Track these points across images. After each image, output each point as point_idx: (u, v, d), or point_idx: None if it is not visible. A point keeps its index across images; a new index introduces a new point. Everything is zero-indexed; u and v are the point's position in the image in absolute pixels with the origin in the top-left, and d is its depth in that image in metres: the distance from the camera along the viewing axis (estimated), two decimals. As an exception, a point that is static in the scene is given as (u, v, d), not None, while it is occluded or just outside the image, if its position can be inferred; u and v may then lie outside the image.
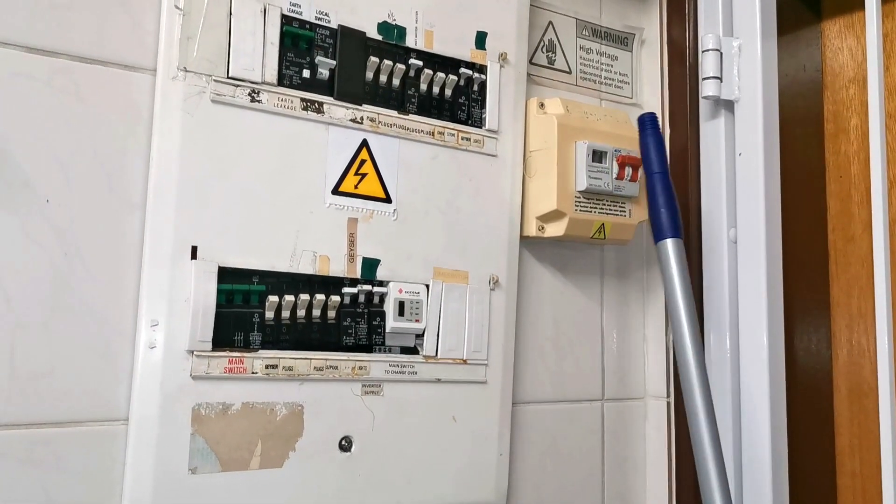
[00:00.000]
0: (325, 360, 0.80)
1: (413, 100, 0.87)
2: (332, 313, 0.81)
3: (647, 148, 0.95)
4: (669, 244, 0.92)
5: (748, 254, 0.98)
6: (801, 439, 1.01)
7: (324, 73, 0.81)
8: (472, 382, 0.89)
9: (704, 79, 1.00)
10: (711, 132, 1.03)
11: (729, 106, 1.01)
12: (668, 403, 1.05)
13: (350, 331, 0.82)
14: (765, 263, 0.97)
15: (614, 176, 0.95)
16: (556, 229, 0.94)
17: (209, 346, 0.74)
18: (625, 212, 0.97)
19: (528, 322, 0.97)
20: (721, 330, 1.00)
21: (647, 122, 0.96)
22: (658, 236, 0.93)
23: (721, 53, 1.00)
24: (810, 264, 1.08)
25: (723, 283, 1.00)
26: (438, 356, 0.86)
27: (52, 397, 0.69)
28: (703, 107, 1.04)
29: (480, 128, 0.92)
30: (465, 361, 0.88)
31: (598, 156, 0.94)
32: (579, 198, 0.93)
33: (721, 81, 1.00)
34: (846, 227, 1.08)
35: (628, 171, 0.95)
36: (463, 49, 0.91)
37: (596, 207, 0.95)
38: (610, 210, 0.96)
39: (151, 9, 0.75)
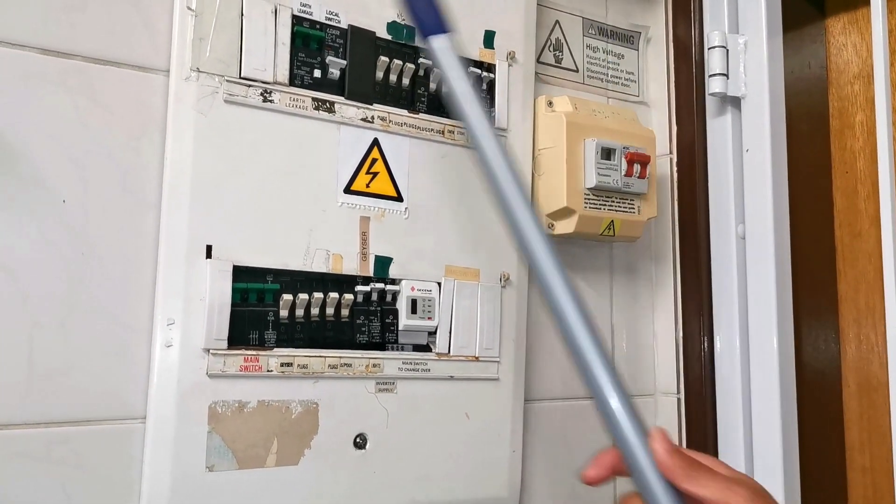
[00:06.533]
0: (340, 357, 0.80)
1: (423, 99, 0.88)
2: (345, 311, 0.81)
3: None
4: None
5: (756, 249, 0.99)
6: (811, 435, 1.01)
7: (335, 72, 0.82)
8: (485, 379, 0.89)
9: (711, 75, 1.01)
10: (718, 128, 1.03)
11: (735, 102, 1.02)
12: (679, 400, 1.05)
13: (363, 329, 0.82)
14: (773, 259, 0.97)
15: (623, 173, 0.95)
16: (565, 227, 0.94)
17: (225, 344, 0.74)
18: (634, 208, 0.98)
19: (539, 320, 0.97)
20: (731, 326, 1.00)
21: None
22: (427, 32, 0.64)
23: (727, 50, 1.01)
24: (818, 260, 1.09)
25: (731, 279, 1.01)
26: (451, 353, 0.87)
27: (70, 396, 0.70)
28: (710, 103, 1.04)
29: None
30: (477, 358, 0.88)
31: (606, 153, 0.94)
32: (588, 195, 0.94)
33: (727, 78, 1.00)
34: (853, 223, 1.09)
35: (637, 167, 0.96)
36: (471, 48, 0.91)
37: (605, 204, 0.95)
38: (619, 207, 0.96)
39: (164, 10, 0.76)
